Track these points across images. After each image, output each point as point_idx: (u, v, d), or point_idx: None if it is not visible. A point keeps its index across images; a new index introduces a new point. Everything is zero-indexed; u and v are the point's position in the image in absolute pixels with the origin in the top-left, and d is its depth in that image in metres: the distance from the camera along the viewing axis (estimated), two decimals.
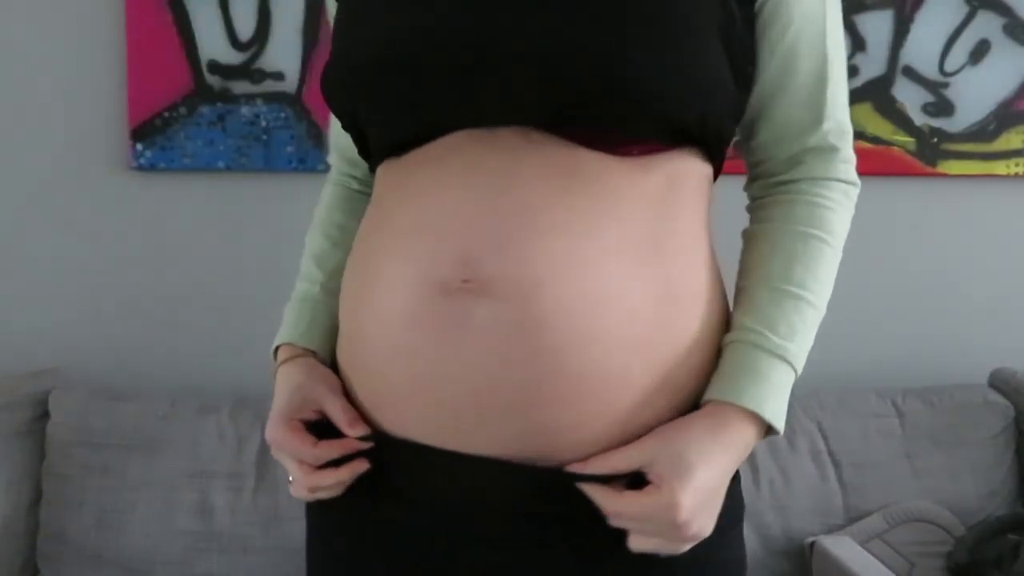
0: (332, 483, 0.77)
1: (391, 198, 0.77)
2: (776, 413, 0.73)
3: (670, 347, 0.72)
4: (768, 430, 0.74)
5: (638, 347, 0.70)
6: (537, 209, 0.68)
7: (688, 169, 0.76)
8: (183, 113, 1.77)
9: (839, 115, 0.80)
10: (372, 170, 0.83)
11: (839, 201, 0.79)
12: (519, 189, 0.69)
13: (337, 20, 0.83)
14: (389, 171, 0.78)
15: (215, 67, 1.76)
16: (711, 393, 0.73)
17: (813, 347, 0.76)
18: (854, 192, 0.81)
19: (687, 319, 0.73)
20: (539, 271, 0.67)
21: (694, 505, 0.67)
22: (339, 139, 0.93)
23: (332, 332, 0.86)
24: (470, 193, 0.70)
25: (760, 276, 0.77)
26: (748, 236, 0.82)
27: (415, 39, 0.71)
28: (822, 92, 0.79)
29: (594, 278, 0.68)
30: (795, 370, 0.75)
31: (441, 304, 0.69)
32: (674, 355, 0.72)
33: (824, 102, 0.79)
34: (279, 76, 1.77)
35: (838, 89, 0.80)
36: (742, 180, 0.87)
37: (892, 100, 1.82)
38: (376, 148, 0.80)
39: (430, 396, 0.71)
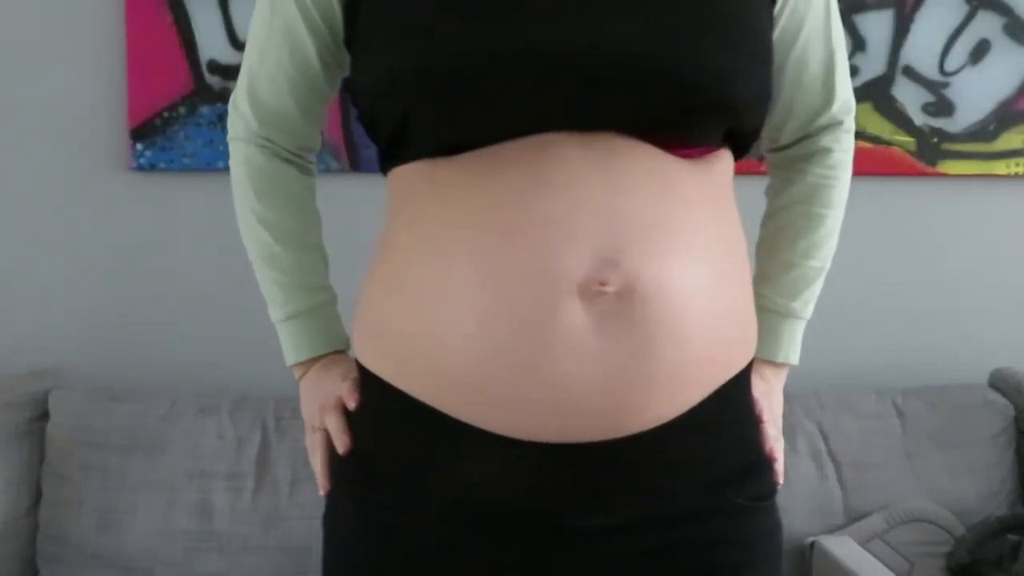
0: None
1: (470, 197, 0.74)
2: (793, 355, 0.93)
3: (744, 324, 0.81)
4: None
5: (729, 328, 0.77)
6: (650, 213, 0.72)
7: (727, 165, 0.82)
8: (183, 113, 1.77)
9: (844, 93, 0.90)
10: (386, 169, 0.82)
11: (838, 176, 0.91)
12: (630, 193, 0.72)
13: (392, 19, 0.77)
14: (449, 168, 0.75)
15: (215, 67, 1.76)
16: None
17: (813, 347, 0.93)
18: (851, 156, 0.93)
19: (746, 296, 0.82)
20: (666, 270, 0.71)
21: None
22: (274, 102, 0.87)
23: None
24: (583, 195, 0.71)
25: (771, 253, 0.93)
26: (764, 219, 0.95)
27: (509, 40, 0.71)
28: (831, 79, 0.89)
29: (700, 273, 0.74)
30: (802, 317, 0.92)
31: (577, 306, 0.70)
32: (746, 330, 0.82)
33: (833, 86, 0.89)
34: None
35: (842, 71, 0.90)
36: (740, 180, 0.88)
37: (892, 100, 1.82)
38: (429, 146, 0.76)
39: (551, 401, 0.71)
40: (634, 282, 0.70)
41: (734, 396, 0.81)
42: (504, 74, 0.71)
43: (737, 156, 0.84)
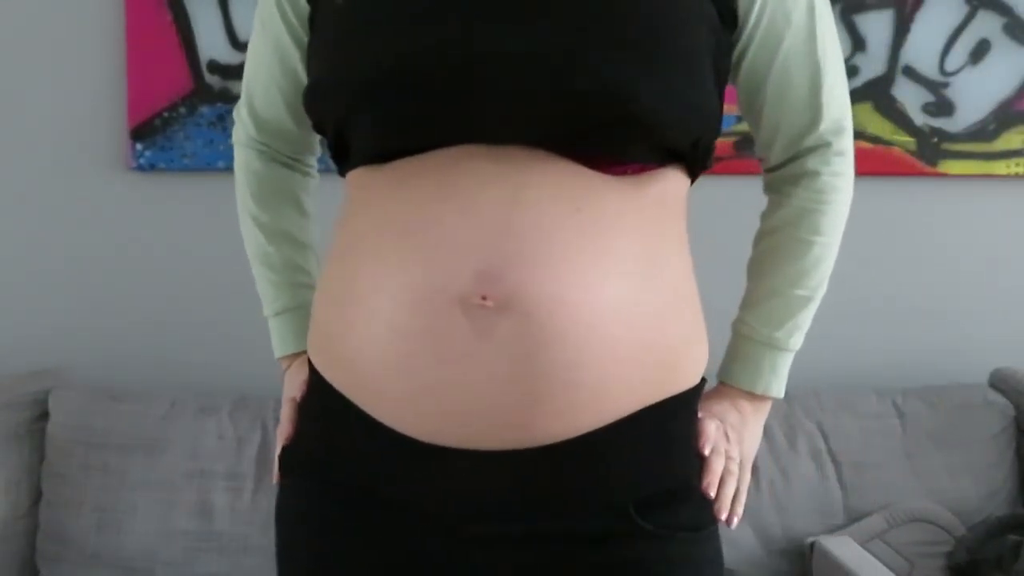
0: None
1: (386, 204, 0.76)
2: (775, 387, 0.89)
3: (665, 349, 0.77)
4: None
5: (641, 353, 0.74)
6: (549, 227, 0.71)
7: (674, 184, 0.79)
8: (183, 113, 1.77)
9: (835, 113, 0.85)
10: (343, 173, 0.84)
11: (828, 200, 0.86)
12: (531, 207, 0.71)
13: (327, 36, 0.81)
14: (375, 175, 0.78)
15: (215, 67, 1.76)
16: (728, 378, 0.89)
17: (813, 347, 0.88)
18: (845, 180, 0.87)
19: (680, 323, 0.78)
20: (556, 287, 0.70)
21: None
22: (269, 112, 0.92)
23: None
24: (484, 207, 0.71)
25: (758, 277, 0.89)
26: (755, 240, 0.91)
27: (423, 54, 0.72)
28: (817, 97, 0.84)
29: (604, 293, 0.71)
30: (786, 348, 0.88)
31: (458, 318, 0.70)
32: (667, 356, 0.77)
33: (820, 105, 0.84)
34: None
35: (834, 88, 0.84)
36: (740, 180, 0.88)
37: (892, 100, 1.82)
38: (363, 155, 0.79)
39: (436, 407, 0.72)
40: (516, 297, 0.69)
41: (658, 423, 0.77)
42: (412, 84, 0.72)
43: (693, 175, 0.82)
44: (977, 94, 1.83)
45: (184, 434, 1.62)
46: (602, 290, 0.71)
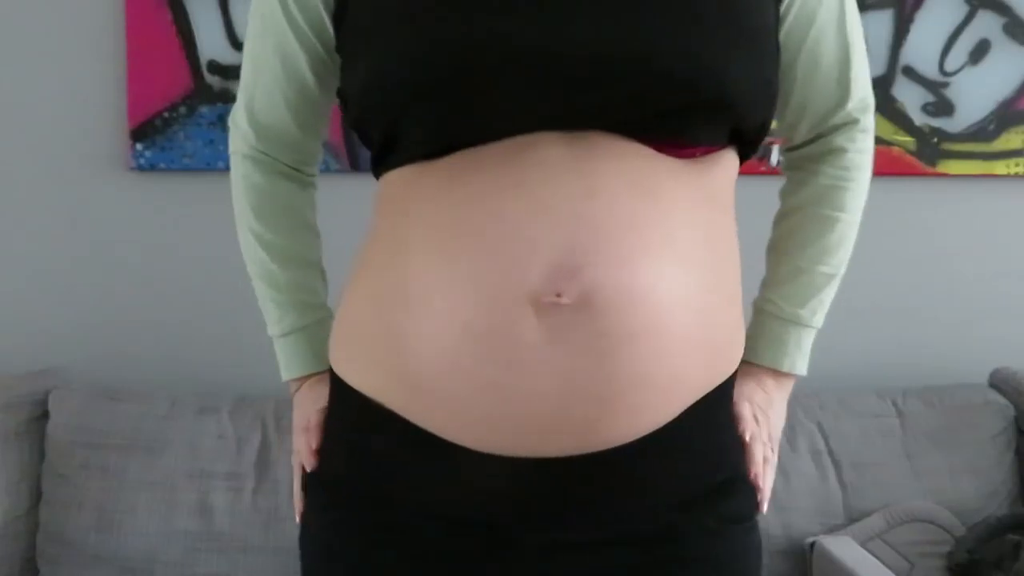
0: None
1: (442, 201, 0.72)
2: (800, 364, 0.88)
3: (722, 339, 0.76)
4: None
5: (705, 344, 0.73)
6: (625, 218, 0.68)
7: (731, 165, 0.79)
8: (183, 113, 1.77)
9: (861, 92, 0.86)
10: (378, 174, 0.81)
11: (853, 177, 0.87)
12: (605, 197, 0.68)
13: (372, 23, 0.76)
14: (425, 172, 0.74)
15: (215, 67, 1.76)
16: (753, 357, 0.87)
17: (813, 347, 0.89)
18: (869, 158, 0.88)
19: (733, 310, 0.78)
20: (633, 281, 0.67)
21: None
22: (270, 117, 0.86)
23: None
24: (554, 199, 0.68)
25: (781, 255, 0.89)
26: (776, 220, 0.91)
27: (496, 40, 0.69)
28: (846, 75, 0.84)
29: (676, 284, 0.70)
30: (810, 325, 0.87)
31: (530, 317, 0.67)
32: (722, 345, 0.76)
33: (848, 83, 0.84)
34: None
35: (860, 67, 0.85)
36: (740, 180, 0.88)
37: (892, 100, 1.82)
38: (414, 150, 0.75)
39: (500, 412, 0.69)
40: (592, 294, 0.66)
41: (710, 413, 0.77)
42: (482, 71, 0.69)
43: (743, 157, 0.81)
44: (977, 94, 1.83)
45: (184, 434, 1.62)
46: (674, 281, 0.69)
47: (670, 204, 0.71)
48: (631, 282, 0.67)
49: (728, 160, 0.78)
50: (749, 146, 0.80)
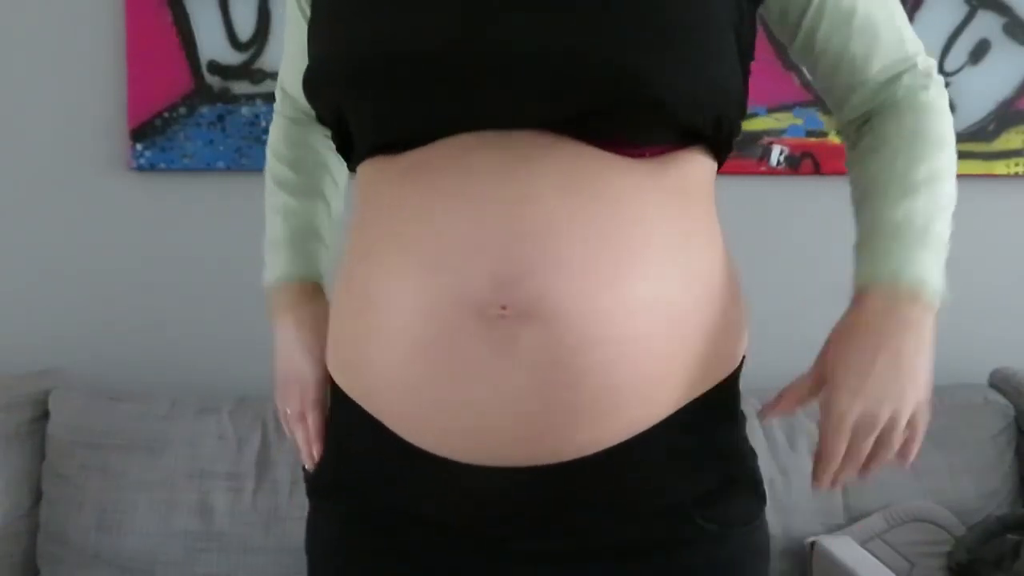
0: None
1: (393, 202, 0.72)
2: (923, 273, 0.81)
3: (703, 342, 0.72)
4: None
5: (679, 349, 0.70)
6: (565, 222, 0.65)
7: (698, 168, 0.75)
8: (183, 113, 1.77)
9: (916, 46, 0.82)
10: (352, 168, 0.80)
11: (940, 108, 0.81)
12: (544, 200, 0.66)
13: (321, 16, 0.77)
14: (383, 170, 0.73)
15: (215, 67, 1.76)
16: (865, 282, 0.79)
17: (813, 347, 0.85)
18: (944, 100, 0.82)
19: (717, 313, 0.73)
20: (581, 288, 0.65)
21: (857, 399, 0.77)
22: (295, 90, 0.89)
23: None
24: (491, 204, 0.66)
25: (884, 182, 0.80)
26: (854, 182, 0.83)
27: (425, 36, 0.68)
28: (900, 32, 0.81)
29: (631, 285, 0.67)
30: (940, 242, 0.83)
31: (475, 330, 0.65)
32: (704, 345, 0.72)
33: (903, 40, 0.81)
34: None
35: (906, 28, 0.82)
36: (739, 180, 0.87)
37: None
38: (366, 147, 0.75)
39: (457, 426, 0.68)
40: (538, 303, 0.64)
41: (707, 415, 0.74)
42: (410, 66, 0.67)
43: (720, 155, 0.78)
44: (977, 94, 1.83)
45: (184, 434, 1.62)
46: (631, 285, 0.66)
47: (616, 204, 0.67)
48: (578, 289, 0.64)
49: (694, 160, 0.74)
50: (721, 146, 0.76)
